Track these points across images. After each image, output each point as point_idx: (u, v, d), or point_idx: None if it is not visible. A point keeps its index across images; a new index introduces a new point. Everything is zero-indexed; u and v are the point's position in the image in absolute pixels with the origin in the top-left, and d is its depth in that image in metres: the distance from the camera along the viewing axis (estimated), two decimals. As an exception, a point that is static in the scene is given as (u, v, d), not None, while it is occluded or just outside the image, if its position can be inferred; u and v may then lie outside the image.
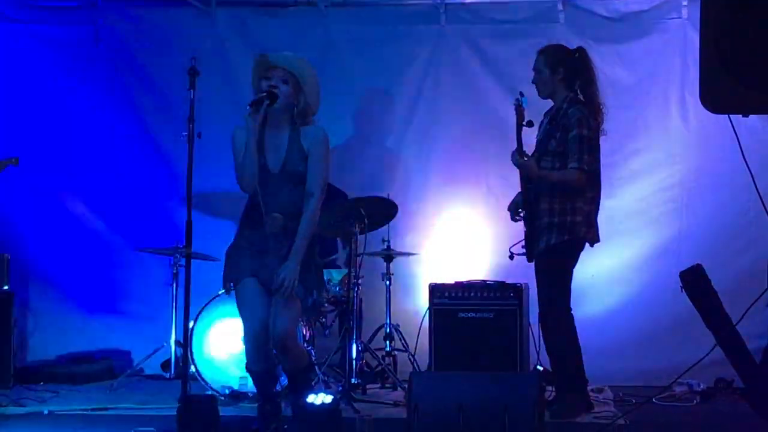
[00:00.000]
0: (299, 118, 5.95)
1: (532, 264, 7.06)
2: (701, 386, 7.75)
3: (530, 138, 7.19)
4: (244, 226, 6.11)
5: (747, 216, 8.56)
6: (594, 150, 6.86)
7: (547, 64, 6.98)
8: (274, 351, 6.02)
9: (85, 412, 7.02)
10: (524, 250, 7.06)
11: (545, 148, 6.93)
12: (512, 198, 7.27)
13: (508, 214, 7.24)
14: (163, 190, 9.25)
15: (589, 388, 7.12)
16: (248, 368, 6.13)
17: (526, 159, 6.93)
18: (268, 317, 5.99)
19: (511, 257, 7.18)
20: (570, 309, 6.94)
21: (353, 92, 9.17)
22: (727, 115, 4.43)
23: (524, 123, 6.99)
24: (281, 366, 6.19)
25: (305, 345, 7.41)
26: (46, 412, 7.00)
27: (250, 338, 6.05)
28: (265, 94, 5.84)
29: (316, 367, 7.71)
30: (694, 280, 7.34)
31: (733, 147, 4.80)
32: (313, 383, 6.86)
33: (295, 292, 5.83)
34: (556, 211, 6.85)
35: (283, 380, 6.37)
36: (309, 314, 6.33)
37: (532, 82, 7.08)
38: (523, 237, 7.08)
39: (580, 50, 7.08)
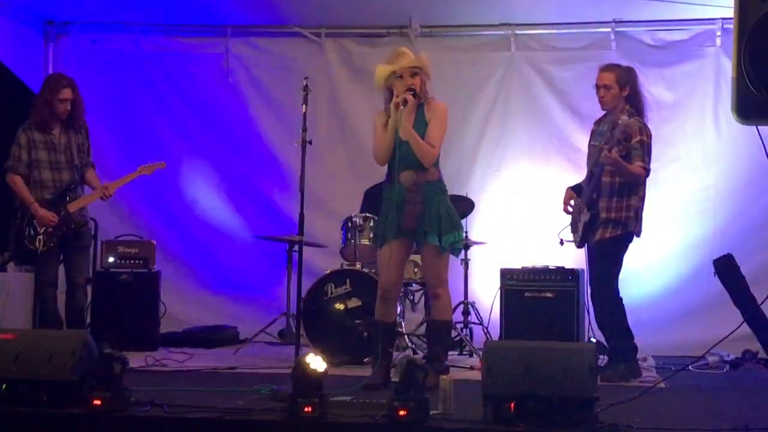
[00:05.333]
0: (424, 93, 6.17)
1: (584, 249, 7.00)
2: (731, 356, 7.65)
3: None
4: (385, 189, 6.28)
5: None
6: (650, 154, 6.77)
7: (617, 81, 6.80)
8: (430, 294, 6.29)
9: (215, 371, 7.09)
10: (571, 237, 7.03)
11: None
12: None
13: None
14: (279, 188, 9.33)
15: (635, 357, 7.05)
16: (375, 320, 6.28)
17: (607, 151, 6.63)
18: (399, 277, 6.28)
19: (561, 243, 7.13)
20: (619, 291, 6.85)
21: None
22: (755, 126, 4.37)
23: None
24: (430, 315, 6.36)
25: (398, 318, 7.42)
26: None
27: (383, 292, 6.21)
28: (412, 92, 6.05)
29: (407, 337, 7.78)
30: (725, 267, 7.28)
31: (760, 153, 4.71)
32: (453, 342, 7.28)
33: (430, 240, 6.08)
34: (613, 207, 6.73)
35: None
36: (452, 253, 6.34)
37: (600, 96, 6.87)
38: (568, 224, 7.05)
39: (633, 70, 6.99)
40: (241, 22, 9.46)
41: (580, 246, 7.01)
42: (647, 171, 6.74)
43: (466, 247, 8.42)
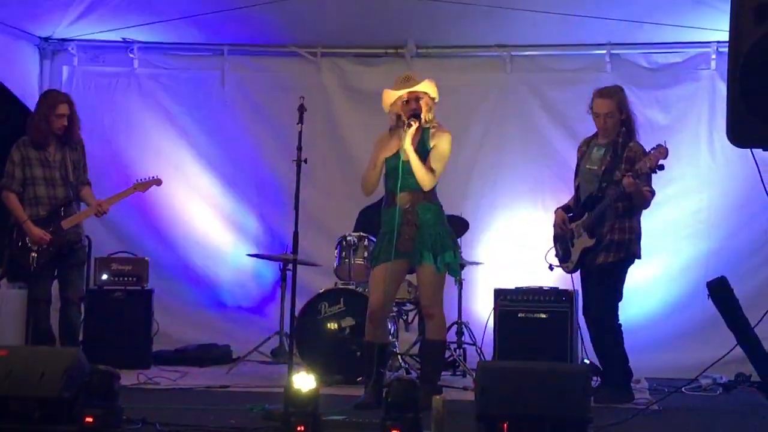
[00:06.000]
0: (429, 118, 6.27)
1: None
2: (724, 379, 7.63)
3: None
4: (384, 213, 6.34)
5: (765, 235, 8.49)
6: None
7: (618, 107, 6.76)
8: (425, 314, 6.38)
9: (208, 389, 7.07)
10: (557, 261, 7.07)
11: (611, 177, 6.69)
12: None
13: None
14: (273, 206, 9.32)
15: (627, 379, 7.03)
16: (365, 340, 6.30)
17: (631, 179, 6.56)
18: (388, 299, 6.30)
19: (551, 268, 7.16)
20: (618, 317, 6.83)
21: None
22: (749, 149, 4.38)
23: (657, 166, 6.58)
24: (424, 335, 6.47)
25: (390, 337, 7.41)
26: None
27: (370, 312, 6.23)
28: (415, 117, 6.16)
29: (400, 357, 7.76)
30: (719, 290, 7.26)
31: (753, 175, 4.73)
32: (446, 362, 7.33)
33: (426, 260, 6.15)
34: (616, 230, 6.70)
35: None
36: (450, 273, 6.43)
37: (601, 123, 6.81)
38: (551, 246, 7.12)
39: (623, 90, 6.93)
40: (237, 41, 9.47)
41: (573, 271, 7.01)
42: (653, 194, 6.74)
43: (461, 266, 8.41)
